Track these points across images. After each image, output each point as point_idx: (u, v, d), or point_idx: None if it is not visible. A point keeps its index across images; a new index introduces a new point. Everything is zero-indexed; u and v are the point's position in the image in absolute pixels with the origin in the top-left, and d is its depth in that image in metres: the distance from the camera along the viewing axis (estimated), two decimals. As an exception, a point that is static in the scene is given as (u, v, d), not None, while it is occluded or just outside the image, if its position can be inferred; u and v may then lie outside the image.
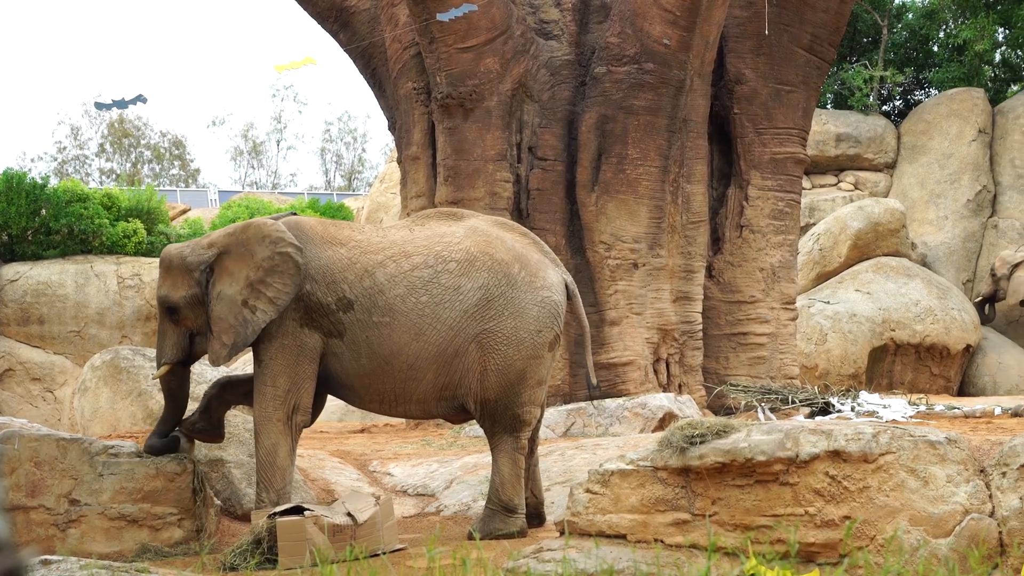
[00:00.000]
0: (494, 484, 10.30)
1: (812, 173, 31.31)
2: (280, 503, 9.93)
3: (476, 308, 10.11)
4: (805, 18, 18.71)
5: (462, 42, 16.99)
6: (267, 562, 9.26)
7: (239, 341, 10.17)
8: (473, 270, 10.17)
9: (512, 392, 10.17)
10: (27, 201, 24.04)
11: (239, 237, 10.34)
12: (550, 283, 10.39)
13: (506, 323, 10.14)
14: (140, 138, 67.67)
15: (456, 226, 10.50)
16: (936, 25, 34.59)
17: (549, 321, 10.31)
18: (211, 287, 10.31)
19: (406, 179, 18.59)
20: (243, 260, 10.23)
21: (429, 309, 10.06)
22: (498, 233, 10.51)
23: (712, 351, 18.66)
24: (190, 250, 10.46)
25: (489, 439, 10.43)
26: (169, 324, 10.51)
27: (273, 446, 10.10)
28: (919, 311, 26.42)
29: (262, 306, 10.06)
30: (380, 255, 10.22)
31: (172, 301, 10.38)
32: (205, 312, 10.35)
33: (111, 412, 14.61)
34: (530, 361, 10.21)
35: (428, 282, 10.11)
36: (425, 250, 10.25)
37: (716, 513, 7.87)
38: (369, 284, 10.09)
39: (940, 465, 7.62)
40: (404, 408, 10.40)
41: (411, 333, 10.05)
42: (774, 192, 18.86)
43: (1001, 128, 31.17)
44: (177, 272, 10.41)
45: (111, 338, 23.75)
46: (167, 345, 10.54)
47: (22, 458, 10.03)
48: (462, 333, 10.10)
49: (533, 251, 10.55)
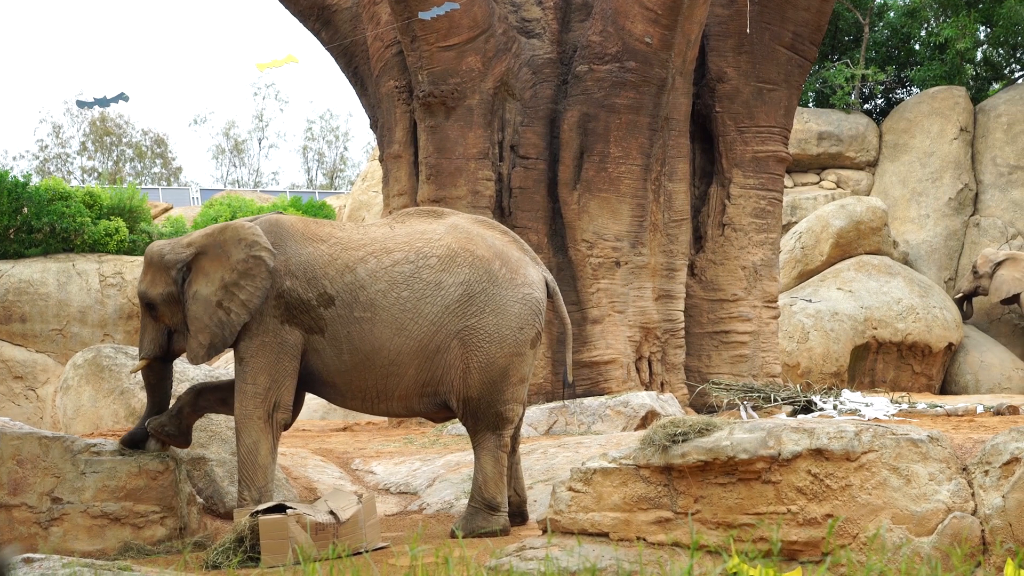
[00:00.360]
0: (477, 482, 10.30)
1: (794, 171, 31.35)
2: (262, 501, 9.92)
3: (457, 304, 10.12)
4: (787, 16, 18.73)
5: (444, 40, 16.98)
6: (250, 560, 9.25)
7: (216, 342, 10.20)
8: (454, 266, 10.18)
9: (495, 389, 10.17)
10: (9, 199, 23.97)
11: (216, 238, 10.37)
12: (531, 280, 10.41)
13: (487, 320, 10.15)
14: (122, 136, 67.56)
15: (437, 223, 10.52)
16: (918, 23, 34.65)
17: (531, 318, 10.32)
18: (187, 286, 10.34)
19: (388, 177, 18.59)
20: (219, 261, 10.25)
21: (411, 304, 10.07)
22: (479, 231, 10.53)
23: (694, 349, 18.67)
24: (169, 248, 10.50)
25: (472, 437, 10.43)
26: (149, 319, 10.56)
27: (254, 444, 10.10)
28: (901, 309, 26.47)
29: (235, 308, 10.09)
30: (361, 251, 10.23)
31: (150, 297, 10.43)
32: (181, 310, 10.39)
33: (93, 410, 14.59)
34: (512, 358, 10.22)
35: (409, 277, 10.12)
36: (406, 246, 10.26)
37: (699, 511, 7.88)
38: (350, 279, 10.10)
39: (922, 463, 7.64)
40: (386, 405, 10.39)
41: (392, 328, 10.06)
42: (756, 190, 18.88)
43: (983, 126, 31.23)
44: (156, 269, 10.45)
45: (93, 336, 23.71)
46: (146, 340, 10.58)
47: (4, 456, 10.01)
48: (444, 329, 10.11)
49: (513, 249, 10.57)
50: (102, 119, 65.91)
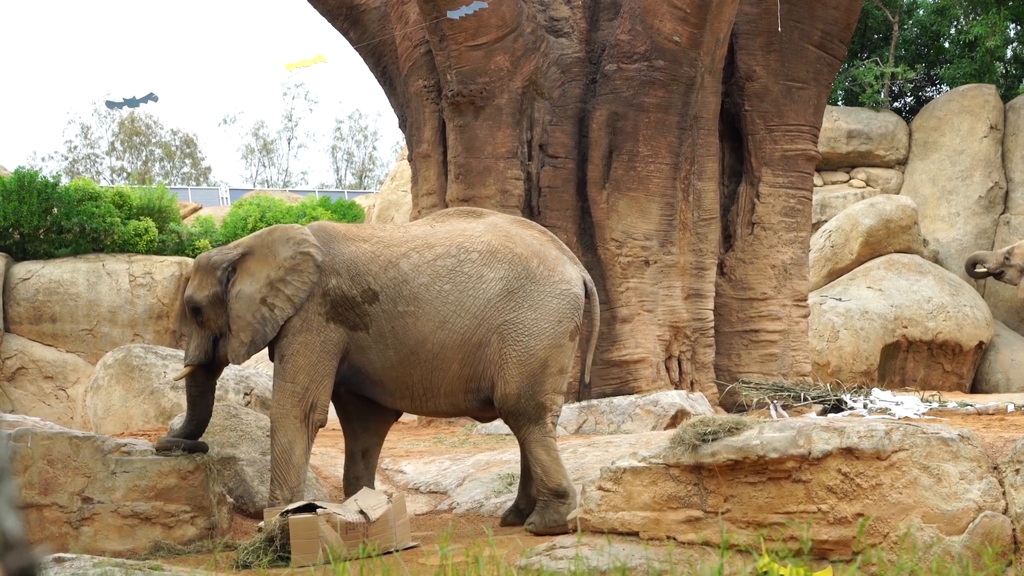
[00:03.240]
0: (537, 475, 10.32)
1: (823, 170, 31.25)
2: (293, 500, 9.96)
3: (498, 298, 10.20)
4: (816, 15, 18.69)
5: (472, 40, 16.99)
6: (280, 560, 9.27)
7: (257, 339, 10.27)
8: (495, 261, 10.26)
9: (534, 381, 10.23)
10: (39, 200, 24.07)
11: (264, 239, 10.54)
12: (568, 277, 10.47)
13: (526, 315, 10.20)
14: (151, 136, 67.73)
15: (476, 222, 10.64)
16: (947, 21, 34.51)
17: (569, 312, 10.39)
18: (231, 286, 10.42)
19: (417, 177, 18.61)
20: (265, 260, 10.36)
21: (453, 297, 10.16)
22: (517, 230, 10.62)
23: (724, 348, 18.64)
24: (218, 252, 10.71)
25: (516, 434, 10.48)
26: (195, 326, 10.65)
27: (289, 443, 10.16)
28: (931, 308, 26.37)
29: (280, 303, 10.17)
30: (403, 247, 10.36)
31: (196, 301, 10.52)
32: (225, 312, 10.44)
33: (123, 410, 14.64)
34: (551, 350, 10.28)
35: (451, 271, 10.22)
36: (447, 241, 10.38)
37: (728, 510, 7.86)
38: (393, 274, 10.21)
39: (953, 462, 7.61)
40: (433, 403, 10.44)
41: (436, 321, 10.14)
42: (785, 189, 18.84)
43: (1013, 124, 31.09)
44: (203, 272, 10.58)
45: (123, 336, 23.79)
46: (192, 346, 10.65)
47: (35, 456, 10.05)
48: (485, 323, 10.17)
49: (551, 248, 10.64)
50: (131, 119, 66.10)
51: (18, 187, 24.06)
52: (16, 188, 24.05)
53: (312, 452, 12.19)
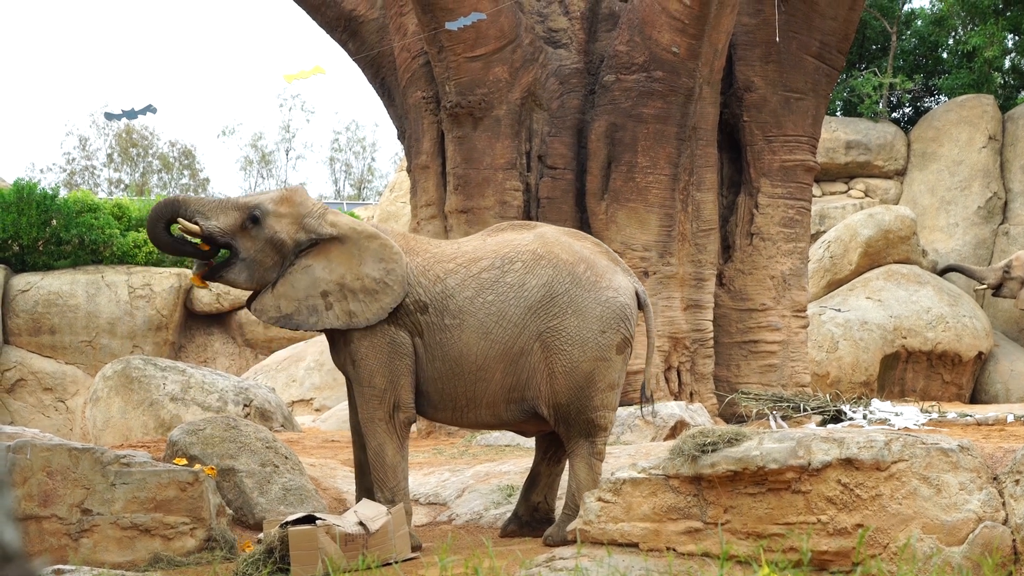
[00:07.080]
0: (571, 489, 10.29)
1: (822, 180, 31.30)
2: (395, 501, 10.03)
3: (540, 304, 10.14)
4: (814, 25, 18.70)
5: (471, 51, 17.00)
6: (279, 571, 9.26)
7: (297, 320, 10.27)
8: (538, 268, 10.23)
9: (583, 395, 10.16)
10: (38, 212, 24.10)
11: (360, 237, 10.35)
12: (617, 285, 10.36)
13: (569, 322, 10.14)
14: (148, 148, 67.72)
15: (526, 233, 10.61)
16: (945, 32, 34.57)
17: (614, 322, 10.26)
18: (302, 256, 10.31)
19: (416, 188, 18.62)
20: (349, 259, 10.29)
21: (495, 307, 10.14)
22: (567, 239, 10.57)
23: (723, 359, 18.64)
24: (316, 216, 10.40)
25: (565, 443, 10.42)
26: (241, 232, 10.32)
27: (380, 446, 10.22)
28: (930, 318, 26.39)
29: (339, 310, 10.16)
30: (451, 263, 10.36)
31: (263, 211, 10.31)
32: (277, 266, 10.30)
33: (123, 422, 14.64)
34: (597, 363, 10.20)
35: (494, 282, 10.21)
36: (493, 254, 10.36)
37: (728, 521, 7.87)
38: (440, 289, 10.22)
39: (953, 473, 7.61)
40: (475, 414, 10.41)
41: (479, 333, 10.14)
42: (784, 200, 18.84)
43: (1011, 135, 31.14)
44: (291, 218, 10.34)
45: (122, 348, 23.80)
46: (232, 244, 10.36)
47: (34, 468, 10.05)
48: (526, 331, 10.14)
49: (603, 257, 10.57)
50: (128, 131, 66.09)
51: (17, 199, 24.08)
52: (15, 200, 24.08)
53: (310, 464, 12.19)
